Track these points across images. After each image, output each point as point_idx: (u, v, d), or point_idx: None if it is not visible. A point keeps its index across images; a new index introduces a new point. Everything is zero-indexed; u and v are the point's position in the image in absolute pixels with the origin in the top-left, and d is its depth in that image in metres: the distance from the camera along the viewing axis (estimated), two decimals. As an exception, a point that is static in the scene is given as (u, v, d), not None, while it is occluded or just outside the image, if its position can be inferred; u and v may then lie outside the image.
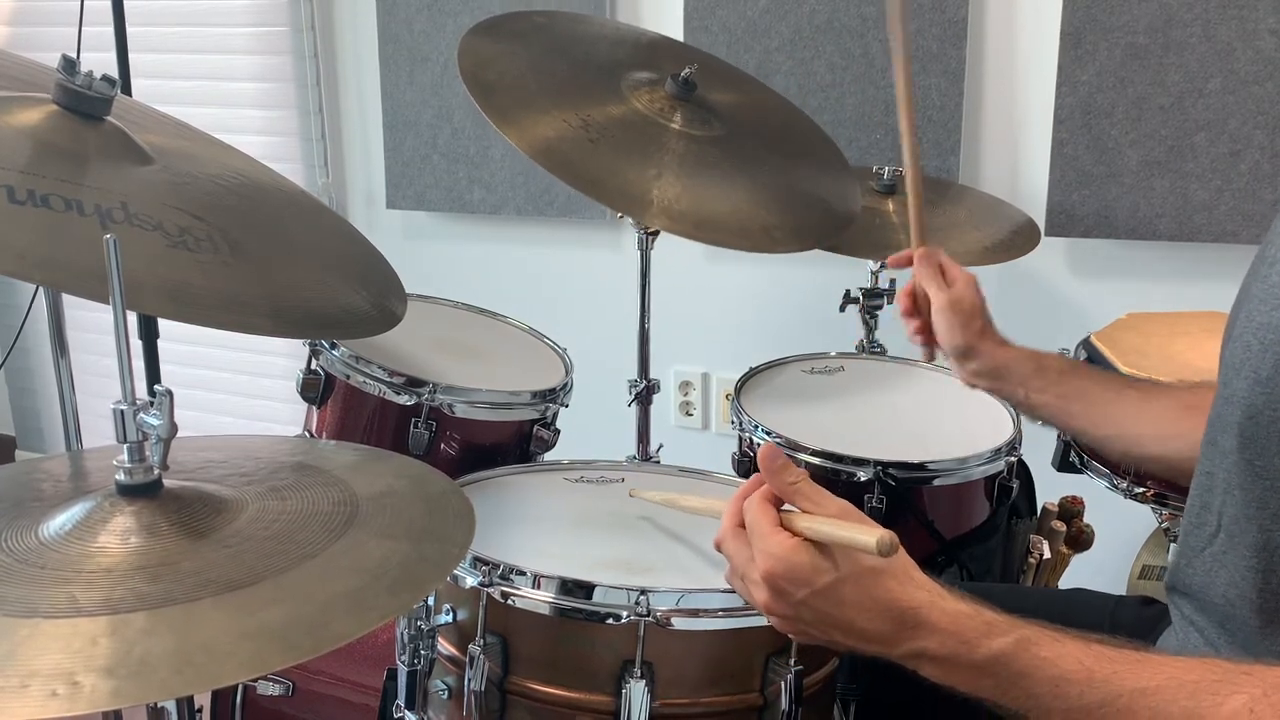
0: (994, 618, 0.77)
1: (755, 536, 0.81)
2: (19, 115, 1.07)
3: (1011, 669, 0.76)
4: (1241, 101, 1.83)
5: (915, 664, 0.78)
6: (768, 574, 0.79)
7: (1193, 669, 0.74)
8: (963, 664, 0.76)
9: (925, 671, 0.78)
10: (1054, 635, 0.76)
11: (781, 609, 0.81)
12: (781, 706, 1.02)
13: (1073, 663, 0.75)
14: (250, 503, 0.89)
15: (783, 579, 0.79)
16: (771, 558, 0.79)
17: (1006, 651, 0.76)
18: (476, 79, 1.50)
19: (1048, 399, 1.22)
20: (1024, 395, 1.23)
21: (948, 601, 0.78)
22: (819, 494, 0.82)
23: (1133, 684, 0.73)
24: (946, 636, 0.77)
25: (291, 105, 2.52)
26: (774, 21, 2.07)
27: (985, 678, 0.76)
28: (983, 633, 0.76)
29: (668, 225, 1.46)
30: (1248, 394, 0.83)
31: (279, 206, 1.26)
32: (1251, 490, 0.83)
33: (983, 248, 1.77)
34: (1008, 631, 0.76)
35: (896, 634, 0.78)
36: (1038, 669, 0.75)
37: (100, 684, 0.68)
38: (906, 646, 0.78)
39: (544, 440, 1.54)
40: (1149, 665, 0.74)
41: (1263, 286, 0.86)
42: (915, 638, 0.77)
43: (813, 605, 0.79)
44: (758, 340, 2.21)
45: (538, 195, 2.34)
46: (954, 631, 0.77)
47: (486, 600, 1.04)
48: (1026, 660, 0.75)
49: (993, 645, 0.76)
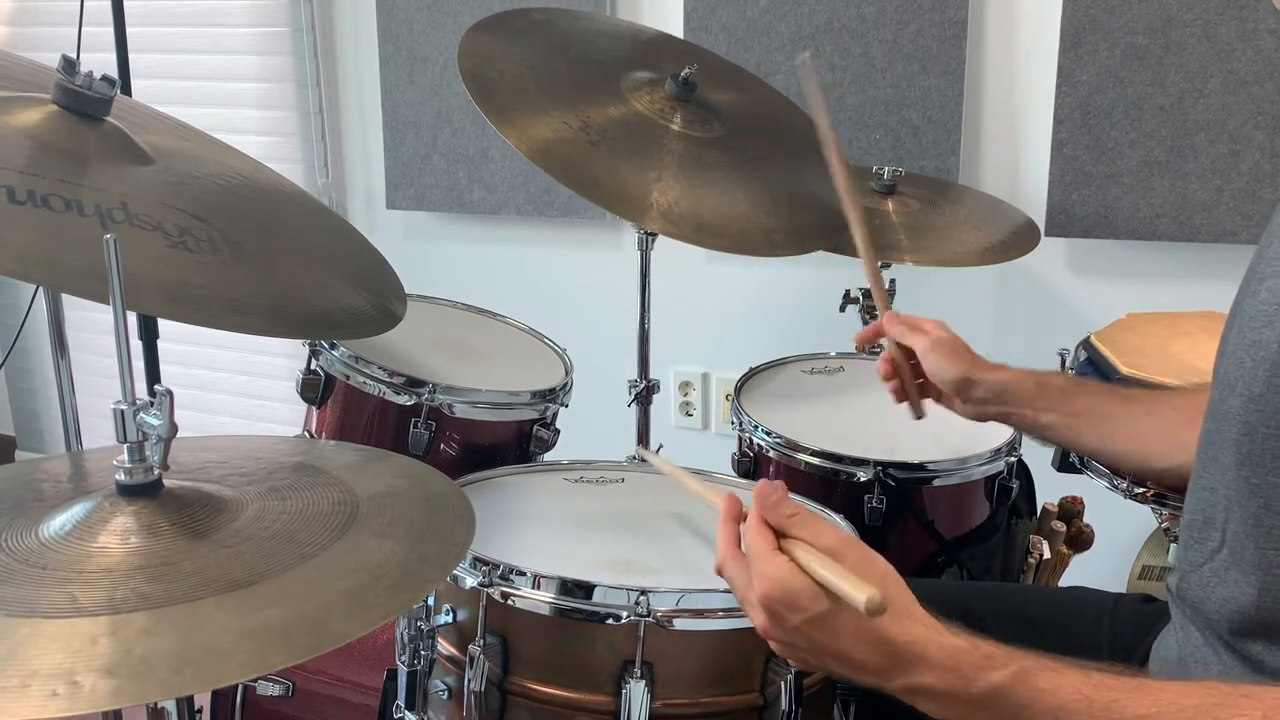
0: (991, 650, 0.77)
1: (754, 560, 0.81)
2: (19, 115, 1.08)
3: (1010, 702, 0.75)
4: (1241, 101, 1.83)
5: (911, 699, 0.78)
6: (764, 597, 0.79)
7: (1191, 694, 0.73)
8: (961, 699, 0.76)
9: (922, 707, 0.78)
10: (1052, 665, 0.76)
11: (778, 634, 0.80)
12: (781, 707, 1.02)
13: (1071, 693, 0.74)
14: (250, 503, 0.89)
15: (779, 603, 0.79)
16: (769, 580, 0.79)
17: (1004, 684, 0.75)
18: (476, 79, 1.50)
19: (1054, 418, 1.20)
20: (1031, 417, 1.21)
21: (944, 636, 0.77)
22: (816, 525, 0.82)
23: (1132, 712, 0.73)
24: (944, 672, 0.76)
25: (291, 105, 2.52)
26: (774, 21, 2.07)
27: (983, 711, 0.76)
28: (980, 666, 0.76)
29: (668, 230, 1.46)
30: (1242, 411, 0.83)
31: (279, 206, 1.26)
32: (1248, 507, 0.83)
33: (983, 248, 1.77)
34: (1005, 664, 0.76)
35: (892, 668, 0.77)
36: (1036, 700, 0.75)
37: (100, 684, 0.68)
38: (902, 681, 0.77)
39: (544, 440, 1.54)
40: (1147, 692, 0.74)
41: (1253, 303, 0.86)
42: (911, 673, 0.77)
43: (807, 633, 0.79)
44: (758, 340, 2.21)
45: (538, 196, 2.34)
46: (951, 666, 0.76)
47: (486, 600, 1.04)
48: (1025, 692, 0.75)
49: (990, 679, 0.75)
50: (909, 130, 2.04)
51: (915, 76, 2.01)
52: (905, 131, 2.04)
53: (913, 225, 1.77)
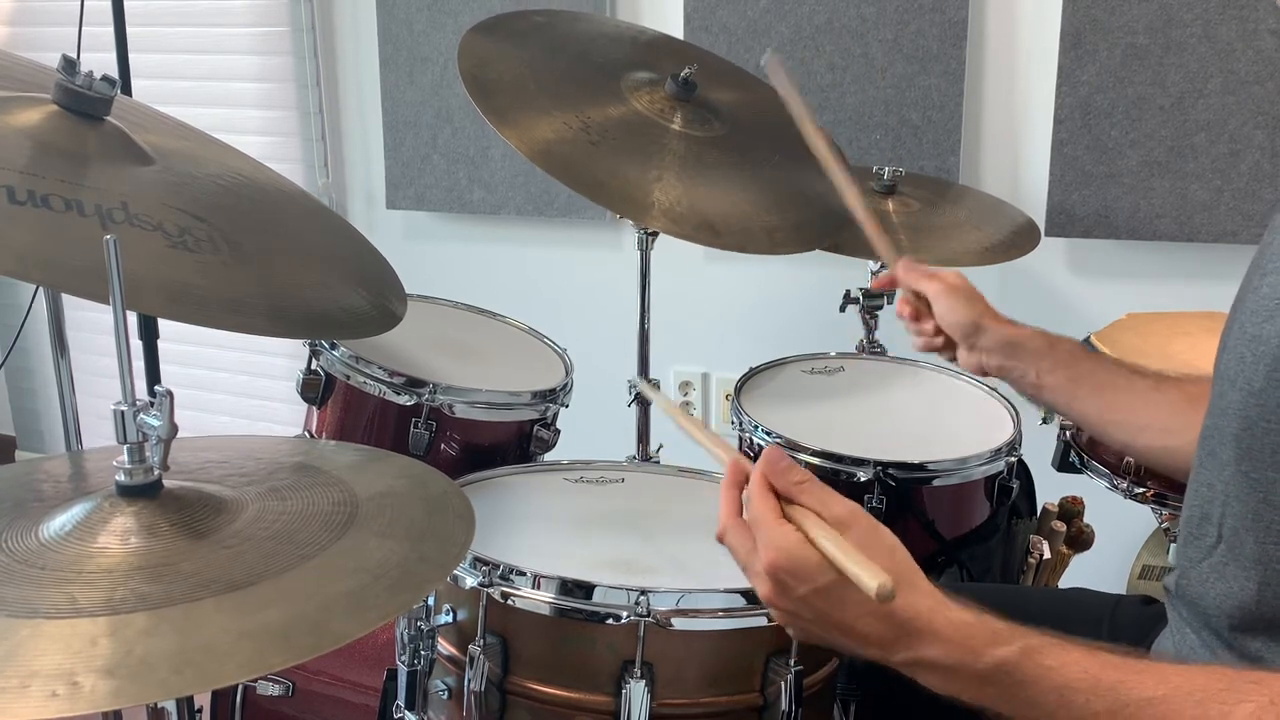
0: (998, 626, 0.76)
1: (759, 527, 0.80)
2: (19, 115, 1.07)
3: (1015, 677, 0.75)
4: (1241, 101, 1.83)
5: (913, 672, 0.77)
6: (771, 565, 0.78)
7: (1197, 677, 0.73)
8: (966, 673, 0.76)
9: (924, 680, 0.77)
10: (1058, 643, 0.76)
11: (784, 603, 0.79)
12: (781, 707, 1.02)
13: (1078, 671, 0.74)
14: (250, 503, 0.89)
15: (786, 572, 0.77)
16: (776, 549, 0.78)
17: (1011, 660, 0.75)
18: (476, 79, 1.49)
19: (1058, 379, 1.19)
20: (1035, 376, 1.20)
21: (951, 610, 0.77)
22: (825, 494, 0.81)
23: (1139, 693, 0.72)
24: (950, 645, 0.76)
25: (291, 105, 2.52)
26: (774, 21, 2.07)
27: (989, 686, 0.76)
28: (987, 641, 0.75)
29: (669, 228, 1.46)
30: (1242, 406, 0.83)
31: (279, 206, 1.26)
32: (1248, 502, 0.83)
33: (983, 248, 1.77)
34: (1011, 640, 0.75)
35: (897, 640, 0.77)
36: (1043, 677, 0.74)
37: (100, 684, 0.68)
38: (906, 654, 0.77)
39: (544, 440, 1.54)
40: (1154, 673, 0.74)
41: (1254, 298, 0.86)
42: (916, 645, 0.76)
43: (813, 603, 0.78)
44: (758, 340, 2.21)
45: (538, 195, 2.34)
46: (958, 640, 0.76)
47: (486, 600, 1.04)
48: (1031, 669, 0.75)
49: (997, 654, 0.75)
50: (909, 130, 2.03)
51: (915, 76, 2.01)
52: (905, 131, 2.04)
53: (913, 225, 1.77)
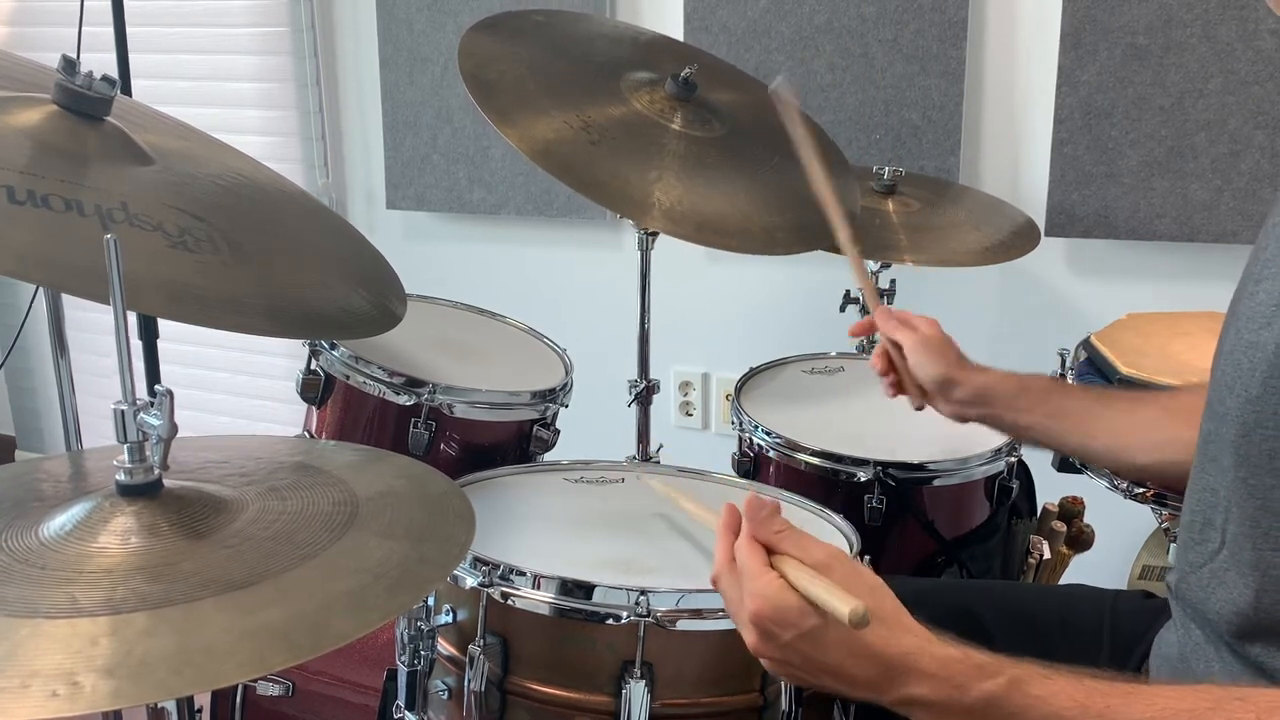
0: (984, 660, 0.77)
1: (745, 577, 0.81)
2: (19, 115, 1.07)
3: (1004, 710, 0.75)
4: (1241, 101, 1.83)
5: (907, 710, 0.78)
6: (755, 615, 0.79)
7: (1185, 697, 0.74)
8: (956, 708, 0.76)
9: (917, 717, 0.78)
10: (1045, 673, 0.76)
11: (770, 651, 0.80)
12: (781, 707, 1.02)
13: (1066, 699, 0.75)
14: (250, 503, 0.89)
15: (769, 620, 0.78)
16: (759, 598, 0.79)
17: (998, 693, 0.75)
18: (476, 79, 1.50)
19: (1036, 419, 1.21)
20: (1012, 419, 1.22)
21: (936, 647, 0.77)
22: (804, 540, 0.82)
23: (1127, 716, 0.73)
24: (937, 682, 0.76)
25: (291, 105, 2.52)
26: (774, 21, 2.07)
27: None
28: (973, 675, 0.76)
29: (669, 228, 1.46)
30: (1240, 413, 0.83)
31: (279, 206, 1.26)
32: (1246, 508, 0.83)
33: (983, 248, 1.77)
34: (998, 673, 0.76)
35: (885, 680, 0.77)
36: (1031, 708, 0.75)
37: (100, 684, 0.68)
38: (896, 693, 0.77)
39: (544, 440, 1.54)
40: (1142, 697, 0.74)
41: (1250, 304, 0.86)
42: (905, 685, 0.77)
43: (799, 649, 0.78)
44: (758, 340, 2.21)
45: (538, 195, 2.34)
46: (944, 677, 0.76)
47: (486, 600, 1.04)
48: (1019, 700, 0.75)
49: (984, 688, 0.75)
50: (909, 130, 2.03)
51: (915, 76, 2.01)
52: (905, 131, 2.04)
53: (913, 225, 1.77)
